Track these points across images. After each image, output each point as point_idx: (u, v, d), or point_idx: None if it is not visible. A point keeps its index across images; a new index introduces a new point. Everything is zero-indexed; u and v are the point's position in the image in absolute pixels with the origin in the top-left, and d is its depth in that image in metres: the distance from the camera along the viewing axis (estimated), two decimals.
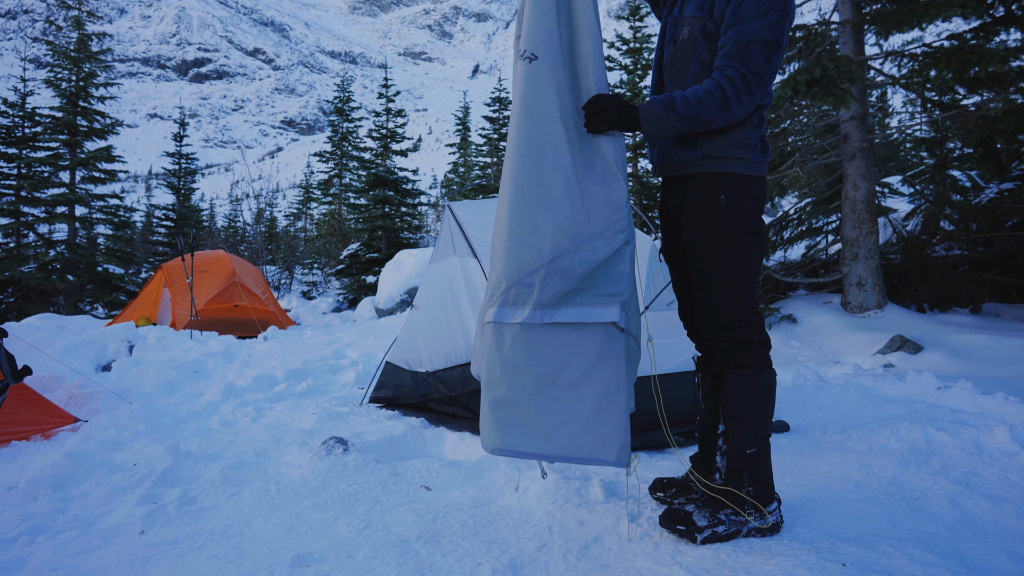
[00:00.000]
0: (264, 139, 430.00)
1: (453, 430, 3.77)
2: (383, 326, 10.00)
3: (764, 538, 2.02)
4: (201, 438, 3.85)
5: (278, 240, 26.90)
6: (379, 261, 16.36)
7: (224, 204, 64.25)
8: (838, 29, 6.32)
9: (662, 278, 3.65)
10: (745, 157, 2.07)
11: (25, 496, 2.93)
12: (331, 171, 22.96)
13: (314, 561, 2.08)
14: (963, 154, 7.77)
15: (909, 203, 8.36)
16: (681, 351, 3.48)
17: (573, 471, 2.81)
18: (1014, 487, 2.46)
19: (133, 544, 2.32)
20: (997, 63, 5.14)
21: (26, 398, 4.15)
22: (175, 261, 11.16)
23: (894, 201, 9.43)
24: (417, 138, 19.56)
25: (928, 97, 6.39)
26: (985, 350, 5.08)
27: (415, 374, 4.53)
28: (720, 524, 2.01)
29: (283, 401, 4.86)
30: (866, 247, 6.18)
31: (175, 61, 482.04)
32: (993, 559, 1.89)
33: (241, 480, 2.96)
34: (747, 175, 2.07)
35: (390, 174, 17.39)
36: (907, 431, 3.17)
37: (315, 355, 6.91)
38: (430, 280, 4.39)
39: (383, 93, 19.22)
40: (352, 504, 2.59)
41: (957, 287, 6.34)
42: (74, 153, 15.94)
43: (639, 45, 14.30)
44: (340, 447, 3.13)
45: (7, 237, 15.64)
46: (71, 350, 6.76)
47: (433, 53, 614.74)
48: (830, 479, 2.59)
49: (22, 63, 17.78)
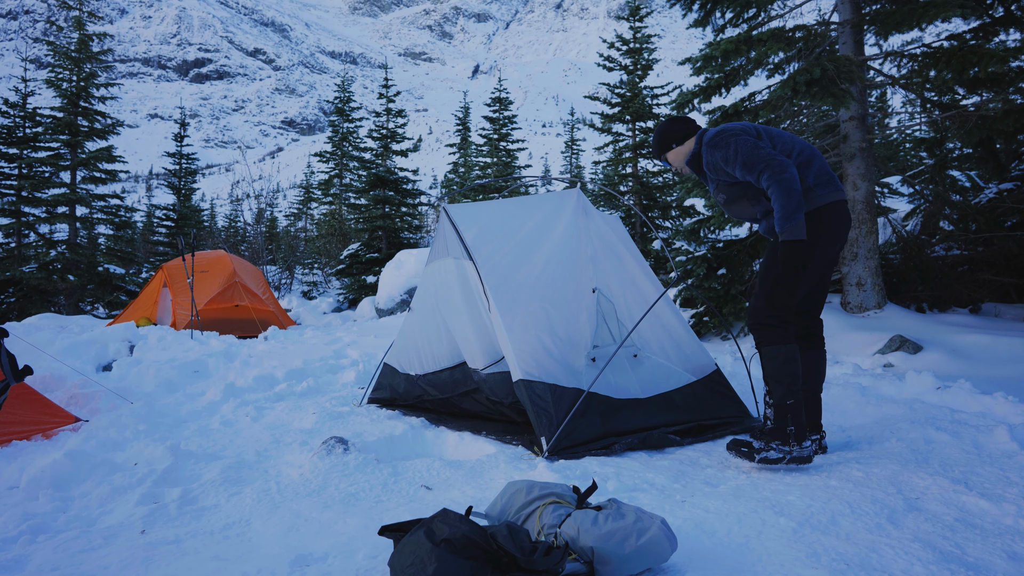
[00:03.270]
0: (265, 139, 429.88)
1: (453, 430, 3.78)
2: (383, 326, 10.00)
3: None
4: (202, 438, 3.86)
5: (278, 240, 26.92)
6: (379, 261, 16.36)
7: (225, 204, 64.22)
8: (838, 29, 6.32)
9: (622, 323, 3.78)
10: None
11: (26, 496, 2.94)
12: (331, 171, 22.95)
13: (315, 560, 2.08)
14: (963, 154, 7.76)
15: (909, 203, 8.35)
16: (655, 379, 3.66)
17: (574, 470, 2.82)
18: (1013, 486, 2.47)
19: (134, 543, 2.33)
20: (997, 63, 5.14)
21: (27, 398, 4.16)
22: (176, 261, 11.17)
23: (894, 201, 9.43)
24: (417, 138, 19.53)
25: (927, 97, 6.39)
26: (985, 350, 5.08)
27: (408, 376, 4.54)
28: (771, 451, 2.72)
29: (283, 401, 4.86)
30: (866, 247, 6.18)
31: (176, 61, 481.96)
32: (992, 559, 1.89)
33: (242, 480, 2.97)
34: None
35: (390, 174, 17.39)
36: (907, 431, 3.18)
37: (315, 355, 6.92)
38: (425, 282, 4.39)
39: (383, 93, 19.22)
40: (353, 504, 2.59)
41: (957, 287, 6.34)
42: (75, 153, 15.95)
43: (639, 45, 14.30)
44: (340, 447, 3.13)
45: (8, 237, 15.65)
46: (72, 350, 6.77)
47: (433, 53, 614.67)
48: (830, 479, 2.60)
49: (23, 63, 17.76)
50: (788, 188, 2.72)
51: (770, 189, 2.77)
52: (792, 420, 2.73)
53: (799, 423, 2.74)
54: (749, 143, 2.88)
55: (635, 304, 3.78)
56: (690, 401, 3.59)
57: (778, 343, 2.80)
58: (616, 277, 3.87)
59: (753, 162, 2.82)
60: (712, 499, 2.39)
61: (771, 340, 2.80)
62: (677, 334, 3.86)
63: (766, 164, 2.78)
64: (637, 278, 3.94)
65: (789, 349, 2.80)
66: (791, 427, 2.73)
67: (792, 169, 2.77)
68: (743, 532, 2.10)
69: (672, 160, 3.24)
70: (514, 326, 3.44)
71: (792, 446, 2.71)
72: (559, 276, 3.70)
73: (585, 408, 3.26)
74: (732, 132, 2.96)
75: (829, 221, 2.88)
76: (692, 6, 7.04)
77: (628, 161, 14.44)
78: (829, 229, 2.88)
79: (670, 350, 3.77)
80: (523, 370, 3.30)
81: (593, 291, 3.70)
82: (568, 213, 4.01)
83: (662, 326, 3.82)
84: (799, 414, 2.74)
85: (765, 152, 2.82)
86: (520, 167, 23.80)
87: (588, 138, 30.66)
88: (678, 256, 7.35)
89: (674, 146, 3.21)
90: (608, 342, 3.66)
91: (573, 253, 3.80)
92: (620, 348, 3.52)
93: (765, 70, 6.91)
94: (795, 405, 2.75)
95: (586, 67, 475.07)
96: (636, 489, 2.55)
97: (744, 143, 2.88)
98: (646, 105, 13.93)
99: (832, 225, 2.89)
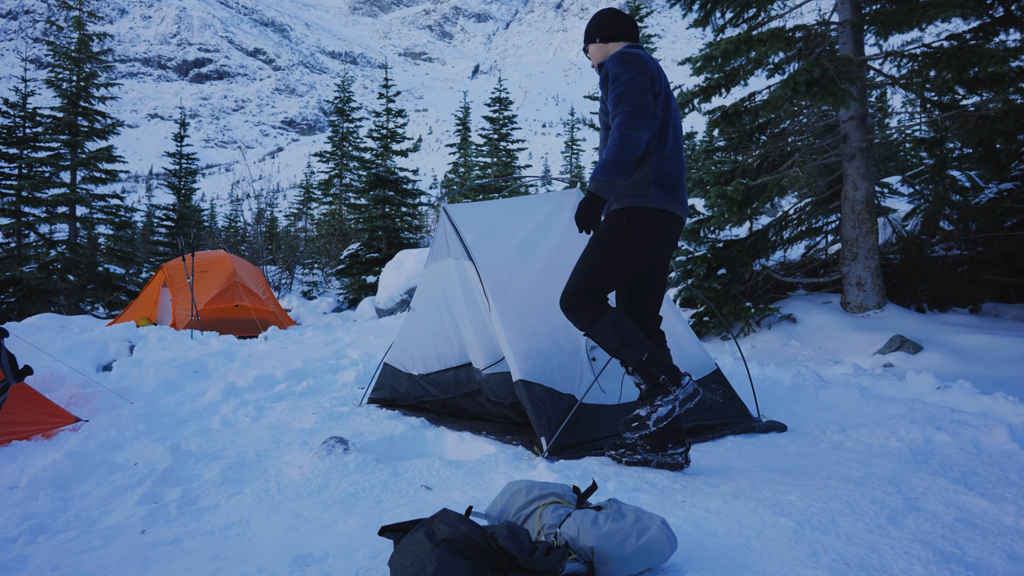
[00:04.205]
0: (265, 139, 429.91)
1: (453, 430, 3.78)
2: (383, 326, 10.01)
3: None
4: (202, 438, 3.86)
5: (278, 240, 26.92)
6: (379, 261, 16.36)
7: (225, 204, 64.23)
8: (838, 29, 6.32)
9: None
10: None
11: (26, 495, 2.94)
12: (331, 171, 22.96)
13: (315, 561, 2.08)
14: (963, 154, 7.76)
15: (909, 203, 8.35)
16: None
17: (574, 470, 2.82)
18: (1013, 486, 2.47)
19: (134, 544, 2.32)
20: (996, 63, 5.13)
21: (27, 398, 4.16)
22: (176, 261, 11.17)
23: (894, 201, 9.43)
24: (417, 138, 19.55)
25: (927, 97, 6.38)
26: (984, 350, 5.08)
27: (410, 376, 4.54)
28: (659, 407, 2.60)
29: (283, 401, 4.86)
30: (865, 247, 6.18)
31: (176, 61, 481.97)
32: (992, 559, 1.89)
33: (242, 480, 2.97)
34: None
35: (390, 174, 17.39)
36: (906, 431, 3.18)
37: (315, 355, 6.92)
38: (425, 282, 4.39)
39: (383, 93, 19.23)
40: (353, 504, 2.59)
41: (956, 287, 6.34)
42: (75, 153, 15.95)
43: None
44: (340, 447, 3.13)
45: (8, 237, 15.65)
46: (72, 350, 6.77)
47: (433, 53, 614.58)
48: (829, 479, 2.60)
49: (23, 63, 17.77)
50: (625, 144, 2.46)
51: (612, 134, 2.50)
52: (659, 370, 2.61)
53: (668, 368, 2.63)
54: (640, 84, 2.57)
55: None
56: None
57: (596, 315, 2.68)
58: None
59: (623, 99, 2.53)
60: (712, 499, 2.39)
61: (589, 317, 2.68)
62: (677, 334, 3.86)
63: (630, 110, 2.49)
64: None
65: (610, 315, 2.67)
66: (662, 376, 2.61)
67: (644, 134, 2.52)
68: (743, 532, 2.10)
69: (592, 55, 2.93)
70: (514, 326, 3.44)
71: (673, 391, 2.59)
72: (559, 276, 3.69)
73: (578, 416, 3.27)
74: (638, 64, 2.63)
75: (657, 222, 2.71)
76: (692, 6, 7.04)
77: None
78: (651, 232, 2.71)
79: (670, 350, 3.77)
80: (523, 370, 3.30)
81: None
82: (568, 213, 4.01)
83: (662, 326, 3.82)
84: (661, 361, 2.63)
85: (641, 102, 2.53)
86: (520, 167, 23.82)
87: (588, 138, 30.66)
88: (678, 256, 7.35)
89: (597, 40, 2.90)
90: None
91: (573, 253, 3.80)
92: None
93: (765, 70, 6.91)
94: (652, 356, 2.62)
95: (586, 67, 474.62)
96: (636, 489, 2.55)
97: (636, 82, 2.57)
98: None
99: (655, 230, 2.71)
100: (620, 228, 2.70)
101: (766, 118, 6.87)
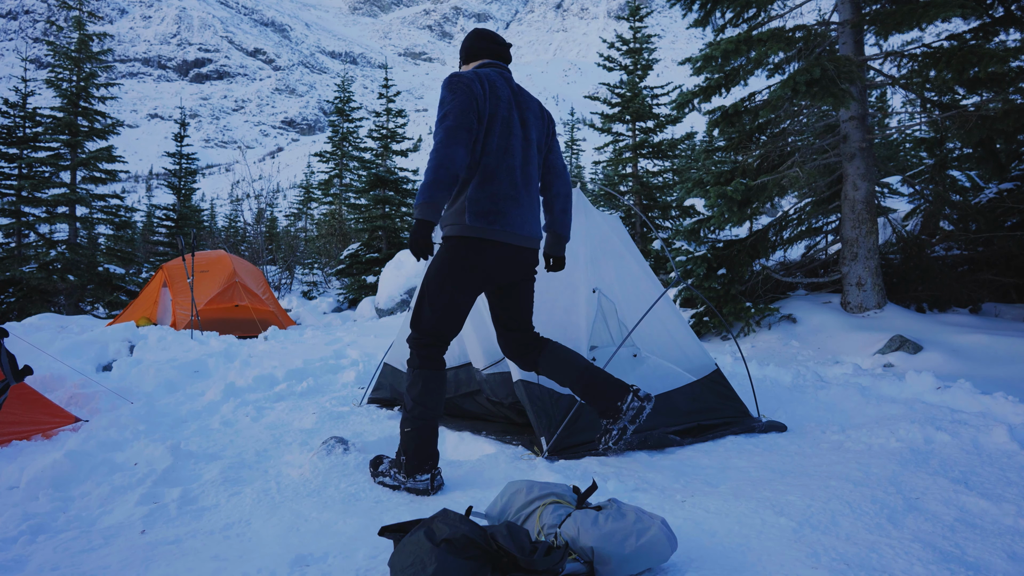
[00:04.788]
0: (265, 139, 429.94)
1: (453, 430, 3.77)
2: (383, 326, 10.01)
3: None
4: (202, 438, 3.86)
5: (278, 240, 26.91)
6: (379, 261, 16.36)
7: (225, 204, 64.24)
8: (838, 29, 6.32)
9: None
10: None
11: (26, 495, 2.94)
12: (331, 171, 22.95)
13: (315, 561, 2.08)
14: (963, 154, 7.76)
15: (909, 203, 8.36)
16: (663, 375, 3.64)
17: (574, 470, 2.82)
18: (1013, 486, 2.47)
19: (134, 544, 2.32)
20: (996, 63, 5.13)
21: (27, 398, 4.16)
22: (176, 261, 11.17)
23: (894, 201, 9.44)
24: (417, 138, 19.52)
25: (928, 97, 6.38)
26: (984, 350, 5.08)
27: None
28: (388, 477, 2.73)
29: (283, 401, 4.86)
30: (866, 247, 6.18)
31: (176, 61, 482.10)
32: (992, 559, 1.89)
33: (242, 480, 2.97)
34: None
35: (390, 174, 17.39)
36: (906, 431, 3.18)
37: (315, 355, 6.92)
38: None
39: (383, 93, 19.23)
40: (353, 504, 2.59)
41: (956, 287, 6.34)
42: (75, 153, 15.95)
43: (639, 45, 14.31)
44: (340, 447, 3.13)
45: (8, 237, 15.65)
46: (72, 350, 6.77)
47: (433, 53, 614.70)
48: (829, 479, 2.60)
49: (23, 63, 17.77)
50: (440, 161, 2.41)
51: (429, 155, 2.47)
52: (405, 450, 2.66)
53: (415, 454, 2.64)
54: (463, 105, 2.51)
55: (635, 304, 3.78)
56: (690, 401, 3.59)
57: (415, 367, 2.69)
58: (616, 277, 3.87)
59: (442, 120, 2.50)
60: (712, 499, 2.39)
61: (411, 363, 2.71)
62: (677, 334, 3.86)
63: (447, 129, 2.46)
64: (637, 278, 3.94)
65: (424, 375, 2.66)
66: (402, 457, 2.67)
67: (460, 150, 2.45)
68: (743, 532, 2.10)
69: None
70: None
71: (407, 478, 2.65)
72: (559, 276, 3.70)
73: (578, 416, 3.27)
74: (463, 85, 2.56)
75: (472, 251, 2.62)
76: (692, 6, 7.04)
77: (628, 161, 14.45)
78: (469, 260, 2.63)
79: (670, 350, 3.77)
80: (522, 370, 3.30)
81: (593, 291, 3.70)
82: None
83: (662, 326, 3.82)
84: (419, 442, 2.63)
85: (460, 120, 2.48)
86: None
87: (588, 138, 30.68)
88: (678, 256, 7.35)
89: (460, 62, 2.92)
90: (607, 342, 3.66)
91: (573, 253, 3.80)
92: (620, 348, 3.52)
93: (765, 70, 6.91)
94: (412, 433, 2.64)
95: (586, 67, 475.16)
96: (636, 489, 2.55)
97: (458, 102, 2.52)
98: (646, 105, 13.94)
99: (472, 259, 2.62)
100: (440, 258, 2.69)
101: (766, 118, 6.87)
